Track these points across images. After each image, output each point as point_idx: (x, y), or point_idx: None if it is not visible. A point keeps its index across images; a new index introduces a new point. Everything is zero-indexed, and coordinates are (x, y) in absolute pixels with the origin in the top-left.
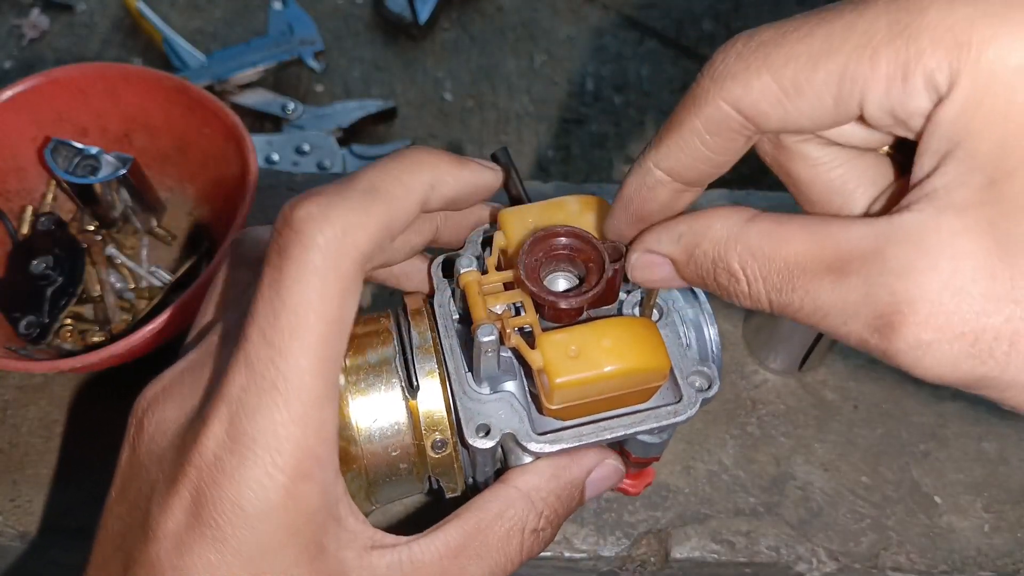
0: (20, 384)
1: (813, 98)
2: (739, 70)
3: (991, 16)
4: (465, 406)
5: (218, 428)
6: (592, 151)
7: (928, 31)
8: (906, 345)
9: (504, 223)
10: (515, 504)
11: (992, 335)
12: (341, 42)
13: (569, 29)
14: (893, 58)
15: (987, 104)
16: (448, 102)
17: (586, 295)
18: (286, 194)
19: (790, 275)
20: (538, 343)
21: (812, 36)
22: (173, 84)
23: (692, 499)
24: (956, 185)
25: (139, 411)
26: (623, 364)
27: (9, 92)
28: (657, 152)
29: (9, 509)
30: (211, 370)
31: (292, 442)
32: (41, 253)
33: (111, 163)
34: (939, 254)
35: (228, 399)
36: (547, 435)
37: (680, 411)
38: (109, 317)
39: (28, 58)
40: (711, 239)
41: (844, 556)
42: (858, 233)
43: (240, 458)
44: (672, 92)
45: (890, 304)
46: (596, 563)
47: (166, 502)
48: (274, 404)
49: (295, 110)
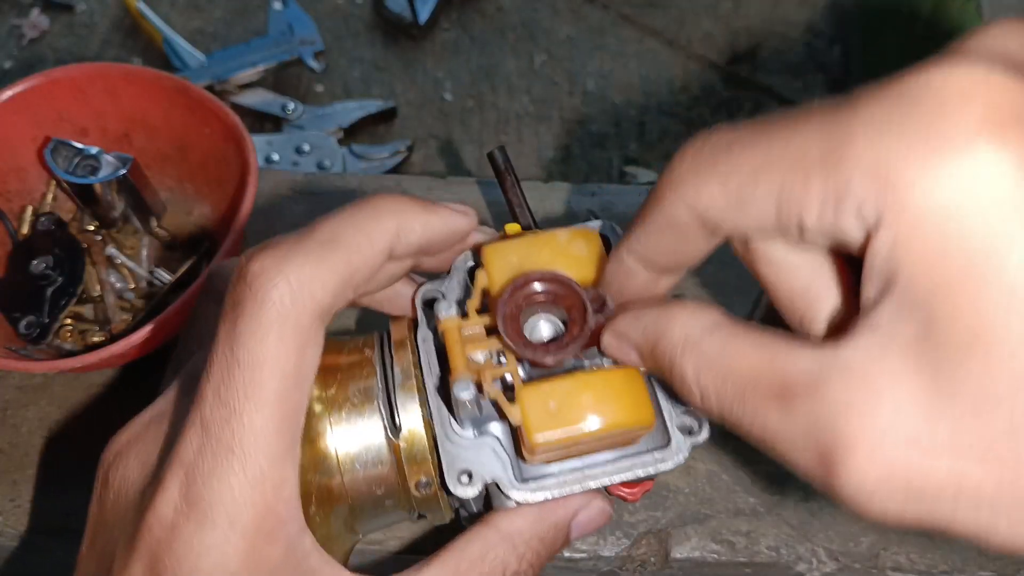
0: (20, 384)
1: (756, 211)
2: (690, 176)
3: (916, 153)
4: (447, 451)
5: (174, 492)
6: (592, 151)
7: (855, 162)
8: (850, 489)
9: (487, 261)
10: (496, 547)
11: (935, 486)
12: (341, 42)
13: (569, 29)
14: (823, 184)
15: (917, 247)
16: (448, 102)
17: (567, 349)
18: (287, 194)
19: (741, 394)
20: (518, 396)
21: (754, 148)
22: (173, 84)
23: (692, 499)
24: (896, 322)
25: (105, 463)
26: (605, 420)
27: (9, 92)
28: (628, 242)
29: (9, 509)
30: (168, 425)
31: (250, 505)
32: (41, 253)
33: (111, 163)
34: (880, 396)
35: (183, 462)
36: (530, 482)
37: (667, 457)
38: (109, 317)
39: (28, 58)
40: (669, 342)
41: (844, 556)
42: (804, 360)
43: (197, 524)
44: (672, 92)
45: (831, 443)
46: (596, 563)
47: (124, 567)
48: (230, 467)
49: (295, 110)
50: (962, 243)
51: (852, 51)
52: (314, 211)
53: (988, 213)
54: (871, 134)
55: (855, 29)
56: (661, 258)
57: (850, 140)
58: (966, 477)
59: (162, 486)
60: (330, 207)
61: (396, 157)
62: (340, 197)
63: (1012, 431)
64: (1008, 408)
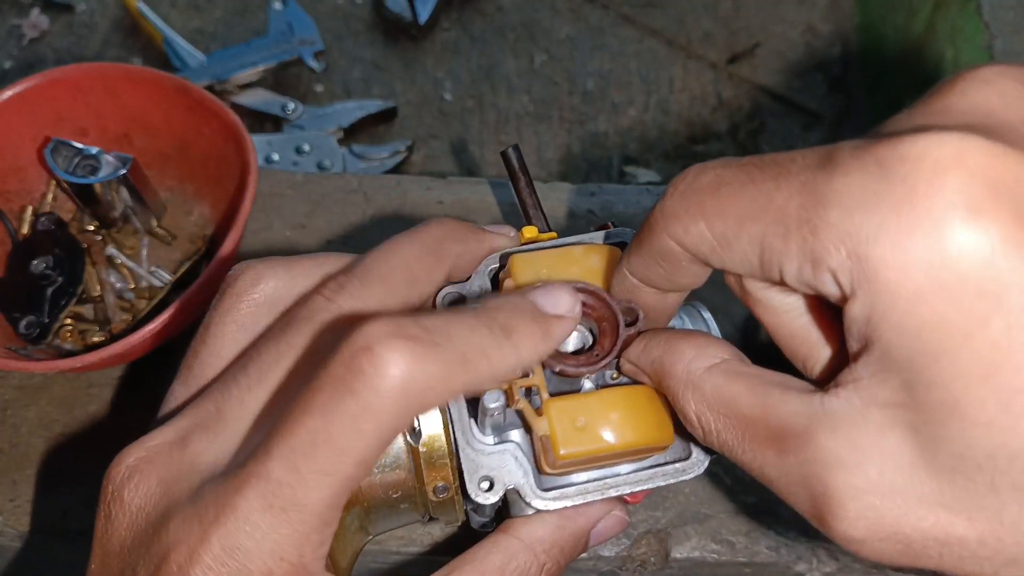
0: (20, 384)
1: (740, 256)
2: (681, 212)
3: (888, 230)
4: (468, 457)
5: (215, 544)
6: (592, 151)
7: (829, 231)
8: (842, 536)
9: (515, 270)
10: (517, 556)
11: (922, 536)
12: (341, 42)
13: (569, 29)
14: (802, 245)
15: (892, 320)
16: (448, 102)
17: (599, 363)
18: (287, 194)
19: (740, 437)
20: (544, 408)
21: (741, 195)
22: (173, 84)
23: (692, 499)
24: (877, 381)
25: (117, 478)
26: (629, 439)
27: (9, 92)
28: (628, 262)
29: (9, 509)
30: (209, 456)
31: (288, 564)
32: (41, 253)
33: (111, 163)
34: (866, 452)
35: (235, 512)
36: (552, 491)
37: (688, 469)
38: (109, 317)
39: (28, 58)
40: (674, 377)
41: (844, 556)
42: (794, 409)
43: (226, 569)
44: (672, 92)
45: (822, 495)
46: (596, 563)
47: None
48: (282, 527)
49: (295, 110)
50: (936, 321)
51: (852, 51)
52: (314, 211)
53: (959, 293)
54: (846, 204)
55: (855, 29)
56: (658, 281)
57: (826, 207)
58: (951, 530)
59: (203, 533)
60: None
61: (396, 157)
62: (340, 197)
63: (993, 492)
64: (988, 473)
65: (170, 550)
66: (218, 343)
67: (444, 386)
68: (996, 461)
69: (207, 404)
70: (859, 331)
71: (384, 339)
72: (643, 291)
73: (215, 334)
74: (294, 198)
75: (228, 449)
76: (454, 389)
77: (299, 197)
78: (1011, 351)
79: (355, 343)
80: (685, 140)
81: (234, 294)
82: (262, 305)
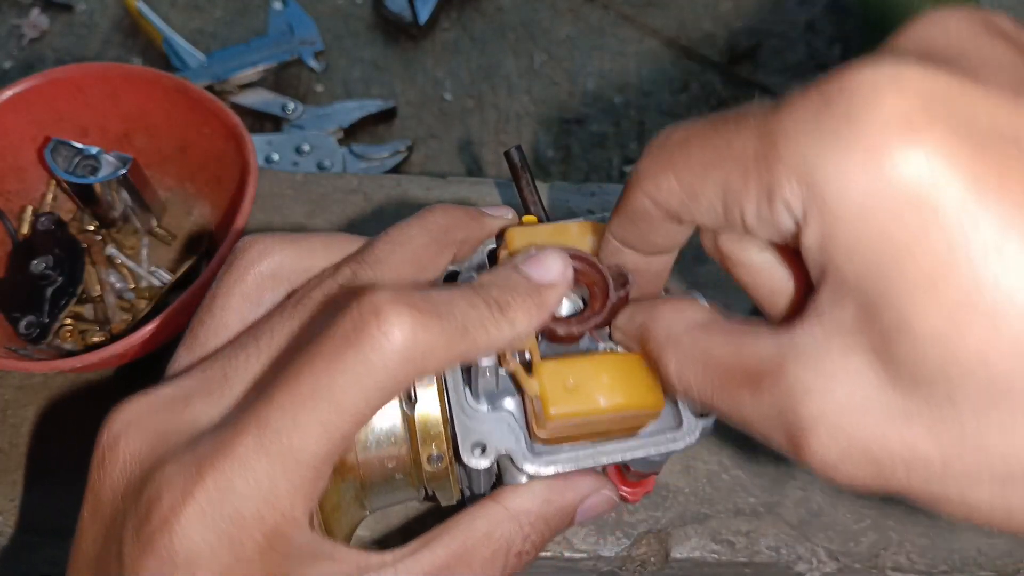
0: (20, 384)
1: (707, 203)
2: (652, 170)
3: (830, 154)
4: (462, 423)
5: (210, 485)
6: (592, 151)
7: (780, 163)
8: (818, 462)
9: (510, 241)
10: (503, 525)
11: (889, 458)
12: (341, 42)
13: (569, 29)
14: (758, 181)
15: (840, 241)
16: (448, 102)
17: (588, 322)
18: (287, 194)
19: (718, 385)
20: (536, 370)
21: (704, 145)
22: (173, 84)
23: (692, 499)
24: (836, 308)
25: (114, 428)
26: (620, 401)
27: (9, 92)
28: (611, 226)
29: (9, 509)
30: (208, 411)
31: (280, 513)
32: (41, 253)
33: (111, 163)
34: (832, 376)
35: (232, 455)
36: (543, 457)
37: (679, 438)
38: (109, 317)
39: (28, 58)
40: (654, 340)
41: (844, 556)
42: (764, 348)
43: (219, 510)
44: (672, 92)
45: (795, 425)
46: (596, 563)
47: (140, 541)
48: (276, 474)
49: (295, 110)
50: (880, 239)
51: (852, 51)
52: (314, 211)
53: (898, 208)
54: (792, 135)
55: (855, 29)
56: (639, 243)
57: (776, 142)
58: (916, 448)
59: (200, 471)
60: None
61: (396, 157)
62: (340, 197)
63: (951, 407)
64: (944, 388)
65: (163, 491)
66: (224, 313)
67: (444, 353)
68: (949, 375)
69: (214, 368)
70: (814, 260)
71: (392, 304)
72: (626, 254)
73: (221, 304)
74: (294, 198)
75: (229, 409)
76: (453, 357)
77: (299, 197)
78: (951, 263)
79: (363, 306)
80: None
81: (241, 266)
82: (268, 278)
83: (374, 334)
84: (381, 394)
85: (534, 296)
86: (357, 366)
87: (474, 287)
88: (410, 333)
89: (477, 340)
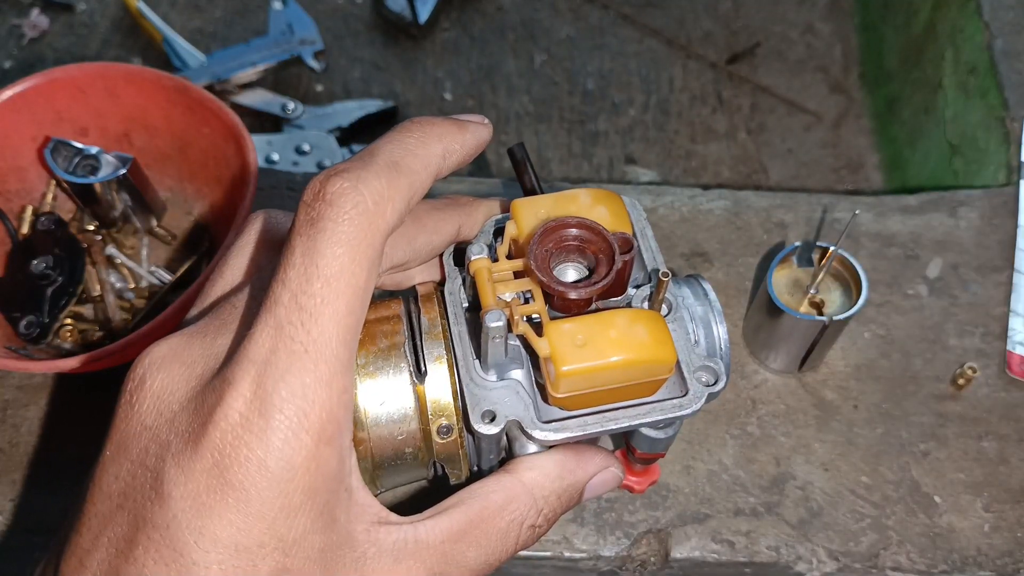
0: (20, 384)
1: None
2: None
3: None
4: (472, 392)
5: (245, 388)
6: (592, 151)
7: None
8: None
9: (516, 213)
10: (518, 498)
11: None
12: (341, 42)
13: (569, 29)
14: None
15: None
16: (448, 102)
17: (595, 286)
18: (286, 194)
19: None
20: (546, 331)
21: None
22: (173, 84)
23: (692, 499)
24: None
25: (140, 370)
26: (629, 354)
27: (9, 92)
28: None
29: (9, 509)
30: (229, 337)
31: (319, 405)
32: (41, 253)
33: (111, 163)
34: None
35: (255, 360)
36: (552, 423)
37: (685, 405)
38: (109, 317)
39: (28, 58)
40: None
41: (844, 556)
42: None
43: (267, 419)
44: (672, 92)
45: None
46: (596, 563)
47: (184, 463)
48: (304, 366)
49: (295, 110)
50: None
51: (852, 51)
52: None
53: None
54: None
55: (855, 29)
56: None
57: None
58: None
59: (232, 383)
60: None
61: None
62: None
63: None
64: None
65: (213, 412)
66: (233, 274)
67: (391, 192)
68: None
69: (224, 307)
70: None
71: (327, 179)
72: None
73: (232, 266)
74: (294, 198)
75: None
76: (402, 192)
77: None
78: None
79: (307, 196)
80: (685, 140)
81: (250, 233)
82: (276, 246)
83: (324, 211)
84: (360, 255)
85: (457, 122)
86: (327, 241)
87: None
88: (350, 188)
89: (412, 166)
